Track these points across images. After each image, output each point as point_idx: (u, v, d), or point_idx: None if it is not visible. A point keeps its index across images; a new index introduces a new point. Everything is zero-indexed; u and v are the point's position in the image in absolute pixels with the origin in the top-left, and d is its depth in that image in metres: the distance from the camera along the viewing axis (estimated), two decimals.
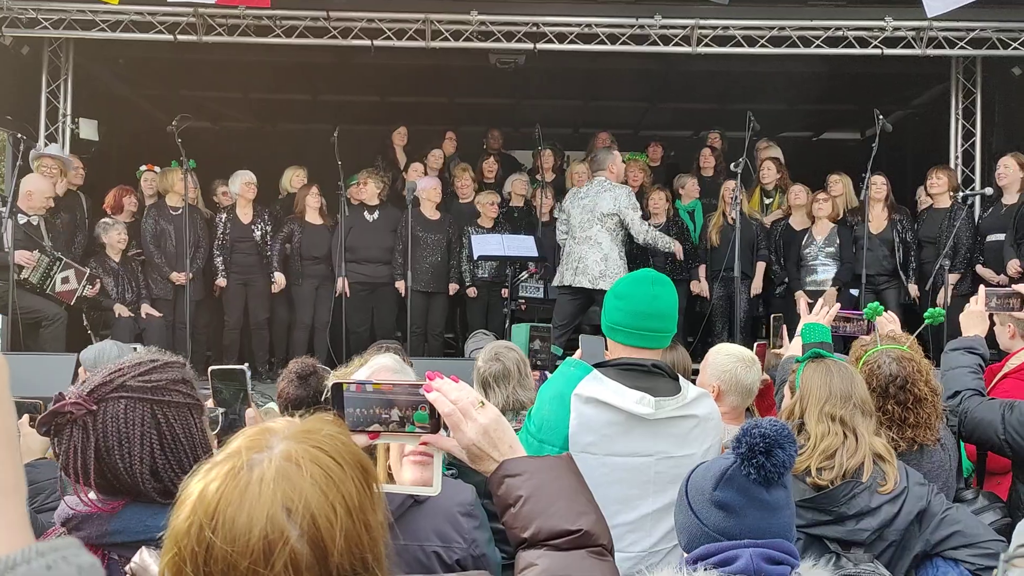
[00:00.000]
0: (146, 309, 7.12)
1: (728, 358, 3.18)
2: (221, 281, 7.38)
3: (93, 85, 8.70)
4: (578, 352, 2.70)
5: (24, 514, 0.64)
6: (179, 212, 7.14)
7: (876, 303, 3.13)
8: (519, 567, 1.24)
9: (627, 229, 6.33)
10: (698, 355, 5.05)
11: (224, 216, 7.47)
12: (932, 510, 2.31)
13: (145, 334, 6.85)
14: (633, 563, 2.20)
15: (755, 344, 3.68)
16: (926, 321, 3.16)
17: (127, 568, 1.35)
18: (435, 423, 1.32)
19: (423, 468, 1.90)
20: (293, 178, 8.04)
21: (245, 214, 7.48)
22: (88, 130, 8.22)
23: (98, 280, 6.84)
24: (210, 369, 1.96)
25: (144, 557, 1.33)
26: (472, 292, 7.56)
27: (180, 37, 7.48)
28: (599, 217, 6.19)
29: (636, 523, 2.24)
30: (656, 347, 2.35)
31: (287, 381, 2.97)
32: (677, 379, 2.36)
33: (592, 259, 6.17)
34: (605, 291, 6.07)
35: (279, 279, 7.41)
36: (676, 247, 6.87)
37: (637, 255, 7.53)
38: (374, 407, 1.32)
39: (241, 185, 7.45)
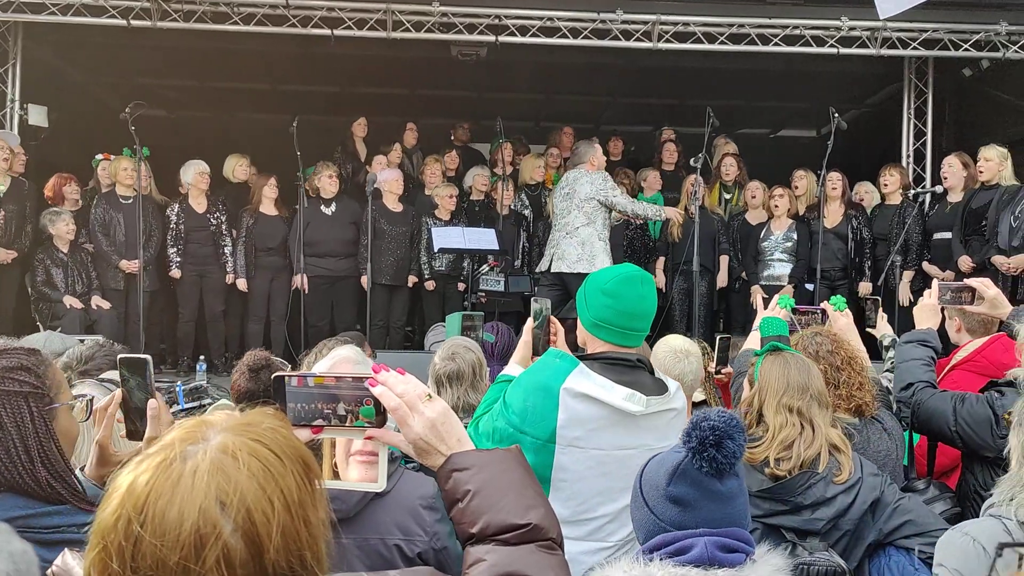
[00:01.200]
0: (96, 301, 6.96)
1: (663, 348, 3.26)
2: (175, 272, 7.24)
3: (43, 70, 8.46)
4: (529, 323, 2.64)
5: None
6: (130, 201, 6.98)
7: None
8: (467, 562, 1.23)
9: (611, 210, 6.53)
10: None
11: (177, 206, 7.32)
12: (885, 500, 2.36)
13: (96, 326, 6.68)
14: (610, 553, 2.23)
15: (717, 337, 3.73)
16: (834, 307, 3.29)
17: (49, 571, 1.32)
18: (381, 417, 1.28)
19: (369, 467, 1.87)
20: (236, 167, 7.88)
21: (199, 204, 7.34)
22: (38, 116, 7.98)
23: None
24: (118, 357, 1.94)
25: (67, 559, 1.29)
26: (431, 285, 7.54)
27: (134, 23, 7.30)
28: (577, 203, 6.37)
29: (616, 514, 2.27)
30: (637, 345, 2.40)
31: (239, 374, 2.93)
32: (654, 372, 2.40)
33: (570, 244, 6.34)
34: (583, 274, 6.23)
35: (240, 284, 7.35)
36: (669, 212, 7.01)
37: None
38: (317, 401, 1.27)
39: (194, 175, 7.31)
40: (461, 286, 7.32)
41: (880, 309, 3.79)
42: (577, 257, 6.28)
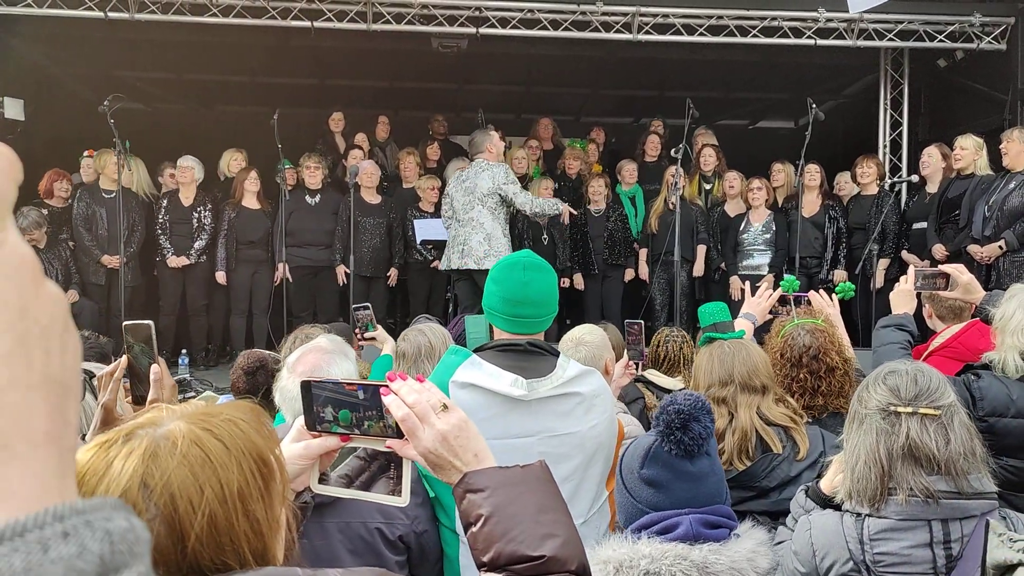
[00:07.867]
0: (72, 296, 6.92)
1: (565, 338, 3.23)
2: (174, 260, 7.24)
3: (19, 63, 8.36)
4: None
5: (64, 470, 0.50)
6: (112, 195, 6.95)
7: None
8: None
9: (510, 206, 6.22)
10: None
11: (165, 201, 7.36)
12: None
13: (77, 320, 6.62)
14: None
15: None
16: (837, 295, 3.33)
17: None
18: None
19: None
20: (231, 162, 7.90)
21: (186, 197, 7.35)
22: (13, 110, 7.90)
23: None
24: (124, 324, 1.94)
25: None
26: (393, 275, 7.56)
27: (111, 15, 7.24)
28: (479, 197, 6.08)
29: None
30: (532, 332, 2.29)
31: (236, 376, 2.98)
32: (558, 355, 2.29)
33: (476, 240, 6.07)
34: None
35: (219, 277, 7.36)
36: (564, 208, 6.63)
37: (579, 241, 7.62)
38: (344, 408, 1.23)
39: (176, 170, 7.37)
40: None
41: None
42: (484, 253, 6.03)
